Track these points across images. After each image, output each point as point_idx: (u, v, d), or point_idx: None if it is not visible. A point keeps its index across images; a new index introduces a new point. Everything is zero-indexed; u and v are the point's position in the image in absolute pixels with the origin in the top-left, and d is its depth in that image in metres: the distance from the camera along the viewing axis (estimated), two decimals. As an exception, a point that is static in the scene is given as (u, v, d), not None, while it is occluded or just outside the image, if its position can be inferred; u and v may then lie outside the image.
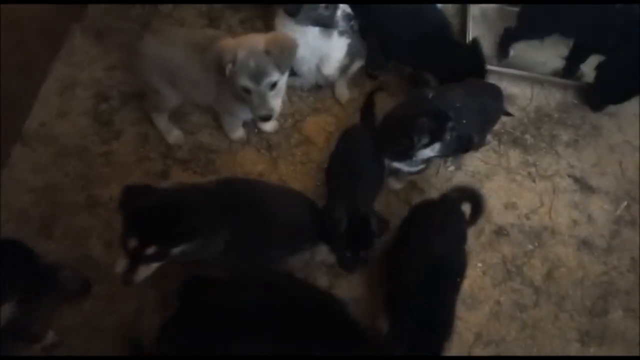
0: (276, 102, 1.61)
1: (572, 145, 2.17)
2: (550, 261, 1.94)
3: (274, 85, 1.54)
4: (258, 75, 1.48)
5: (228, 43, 1.50)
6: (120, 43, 2.00)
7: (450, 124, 1.52)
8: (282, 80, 1.58)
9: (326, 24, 1.73)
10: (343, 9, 1.72)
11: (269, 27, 2.09)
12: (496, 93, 1.87)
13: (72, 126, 1.97)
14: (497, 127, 2.07)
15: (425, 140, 1.55)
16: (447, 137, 1.55)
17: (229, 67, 1.47)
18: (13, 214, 1.78)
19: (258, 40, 1.50)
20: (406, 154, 1.65)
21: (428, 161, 1.80)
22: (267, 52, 1.47)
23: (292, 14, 1.69)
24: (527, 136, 2.17)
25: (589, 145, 2.19)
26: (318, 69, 2.00)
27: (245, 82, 1.50)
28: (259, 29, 2.19)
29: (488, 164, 2.11)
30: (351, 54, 2.01)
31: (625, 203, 2.08)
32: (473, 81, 1.86)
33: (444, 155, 1.77)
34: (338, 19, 1.72)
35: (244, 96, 1.56)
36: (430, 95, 1.62)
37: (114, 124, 1.98)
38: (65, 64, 2.06)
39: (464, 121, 1.60)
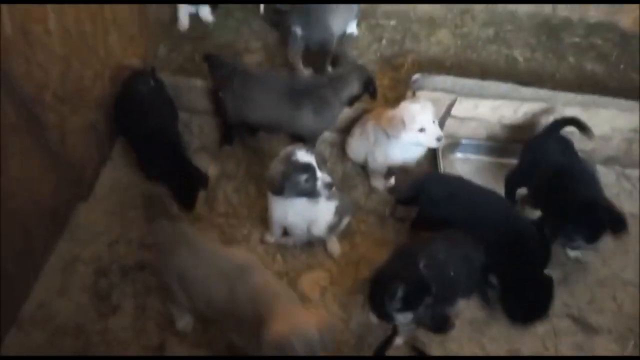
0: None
1: (563, 283, 2.20)
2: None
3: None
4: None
5: (280, 331, 1.41)
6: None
7: (428, 299, 1.57)
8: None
9: (310, 194, 1.89)
10: (322, 179, 1.88)
11: (261, 194, 2.28)
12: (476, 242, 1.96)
13: (71, 304, 1.99)
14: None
15: (397, 305, 1.58)
16: (422, 310, 1.58)
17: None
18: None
19: (309, 324, 1.44)
20: (382, 313, 1.67)
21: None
22: (320, 334, 1.43)
23: (279, 193, 1.86)
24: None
25: (578, 282, 2.23)
26: (309, 229, 2.12)
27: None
28: (252, 195, 2.38)
29: (485, 310, 2.12)
30: (340, 213, 2.14)
31: (632, 342, 2.06)
32: (453, 232, 1.97)
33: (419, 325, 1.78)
34: (320, 188, 1.88)
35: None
36: (422, 265, 1.67)
37: (112, 299, 2.02)
38: (69, 241, 2.16)
39: (452, 274, 1.67)
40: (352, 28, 3.00)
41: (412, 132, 2.12)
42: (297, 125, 2.38)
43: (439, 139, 2.13)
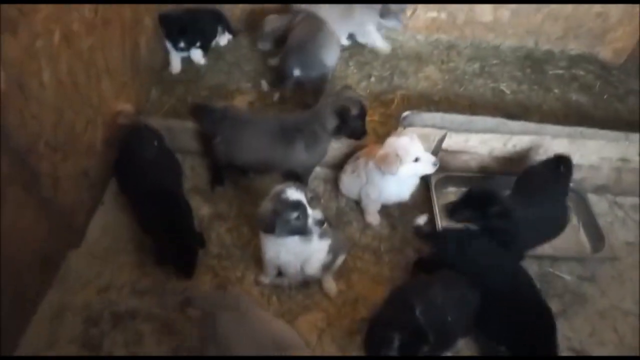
0: None
1: (562, 315, 2.18)
2: None
3: None
4: None
5: None
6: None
7: (425, 347, 1.54)
8: None
9: (301, 232, 1.88)
10: (314, 216, 1.87)
11: (255, 234, 2.26)
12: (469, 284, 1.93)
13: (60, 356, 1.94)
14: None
15: (393, 353, 1.55)
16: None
17: None
18: None
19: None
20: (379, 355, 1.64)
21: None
22: None
23: (270, 231, 1.85)
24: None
25: (578, 314, 2.20)
26: (303, 269, 2.10)
27: None
28: (245, 235, 2.36)
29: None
30: (334, 251, 2.13)
31: (635, 375, 2.02)
32: (447, 273, 1.94)
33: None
34: (311, 226, 1.87)
35: None
36: (418, 311, 1.64)
37: (103, 348, 1.96)
38: (59, 289, 2.11)
39: (449, 319, 1.64)
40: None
41: (408, 164, 2.15)
42: (291, 163, 2.40)
43: (434, 164, 2.17)
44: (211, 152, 2.45)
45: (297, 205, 1.82)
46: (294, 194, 1.82)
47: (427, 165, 2.17)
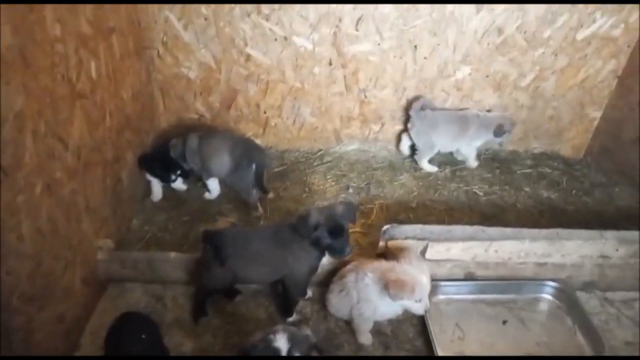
0: None
1: None
2: None
3: None
4: None
5: None
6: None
7: None
8: None
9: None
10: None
11: None
12: None
13: None
14: None
15: None
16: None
17: None
18: None
19: None
20: None
21: None
22: None
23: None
24: None
25: None
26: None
27: None
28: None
29: None
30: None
31: None
32: None
33: None
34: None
35: None
36: None
37: None
38: None
39: None
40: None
41: (411, 300, 2.15)
42: (285, 270, 2.33)
43: (426, 311, 2.20)
44: (204, 279, 2.38)
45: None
46: (279, 340, 1.76)
47: (422, 308, 2.18)
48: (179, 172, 3.00)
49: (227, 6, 2.88)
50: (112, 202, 2.58)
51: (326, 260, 2.48)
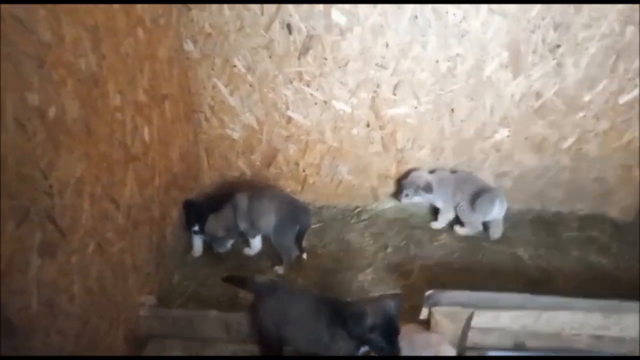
0: None
1: None
2: None
3: None
4: None
5: None
6: None
7: None
8: None
9: None
10: None
11: None
12: None
13: None
14: None
15: None
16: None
17: None
18: None
19: None
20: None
21: None
22: None
23: None
24: None
25: None
26: None
27: None
28: None
29: None
30: None
31: None
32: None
33: None
34: None
35: None
36: None
37: None
38: None
39: None
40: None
41: None
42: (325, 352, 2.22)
43: None
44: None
45: None
46: None
47: None
48: (196, 227, 3.03)
49: (271, 74, 3.04)
50: (156, 258, 2.65)
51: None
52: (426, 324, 2.42)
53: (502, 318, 2.37)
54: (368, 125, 3.25)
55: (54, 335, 1.74)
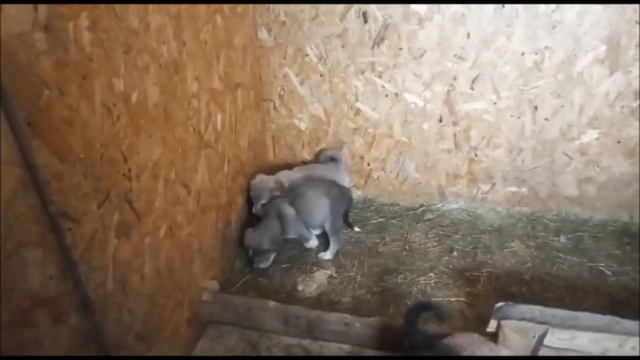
0: None
1: None
2: None
3: None
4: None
5: None
6: None
7: None
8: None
9: None
10: None
11: None
12: None
13: None
14: None
15: None
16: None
17: None
18: None
19: None
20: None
21: None
22: None
23: None
24: None
25: None
26: None
27: None
28: None
29: None
30: None
31: None
32: None
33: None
34: None
35: None
36: None
37: None
38: None
39: None
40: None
41: None
42: None
43: None
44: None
45: None
46: None
47: None
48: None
49: (342, 64, 2.97)
50: (221, 244, 2.69)
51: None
52: (493, 337, 2.27)
53: (580, 340, 2.17)
54: (440, 120, 3.10)
55: (125, 313, 1.81)
